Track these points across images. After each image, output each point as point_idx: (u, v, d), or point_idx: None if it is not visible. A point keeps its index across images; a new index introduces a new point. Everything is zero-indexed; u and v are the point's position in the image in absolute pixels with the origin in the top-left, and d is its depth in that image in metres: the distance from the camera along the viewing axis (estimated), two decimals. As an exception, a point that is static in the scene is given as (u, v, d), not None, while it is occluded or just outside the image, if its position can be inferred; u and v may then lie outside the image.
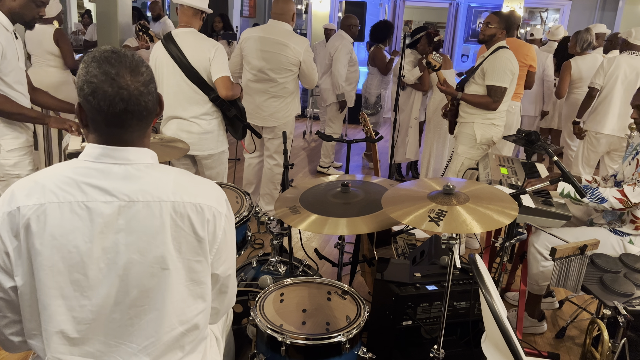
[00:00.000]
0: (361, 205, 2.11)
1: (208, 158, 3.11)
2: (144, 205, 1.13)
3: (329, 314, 1.96)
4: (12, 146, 2.48)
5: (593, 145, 4.19)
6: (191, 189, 1.20)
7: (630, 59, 4.04)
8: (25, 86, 2.52)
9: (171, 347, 1.22)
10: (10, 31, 2.38)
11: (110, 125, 1.12)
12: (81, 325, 1.14)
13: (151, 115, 1.17)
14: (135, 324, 1.17)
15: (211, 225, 1.21)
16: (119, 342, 1.17)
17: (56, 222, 1.09)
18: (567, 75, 4.71)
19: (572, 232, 2.49)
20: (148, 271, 1.14)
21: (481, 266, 1.60)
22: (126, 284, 1.14)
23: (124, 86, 1.09)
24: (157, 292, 1.16)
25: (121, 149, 1.15)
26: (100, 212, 1.11)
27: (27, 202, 1.10)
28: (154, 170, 1.18)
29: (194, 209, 1.18)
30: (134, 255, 1.13)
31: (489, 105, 3.25)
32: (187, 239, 1.17)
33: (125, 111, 1.10)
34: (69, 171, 1.13)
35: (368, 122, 3.22)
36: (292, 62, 3.53)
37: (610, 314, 2.01)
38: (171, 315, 1.19)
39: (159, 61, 2.93)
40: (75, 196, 1.11)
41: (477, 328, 2.15)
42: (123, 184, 1.13)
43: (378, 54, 5.30)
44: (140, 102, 1.12)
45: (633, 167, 2.43)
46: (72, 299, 1.12)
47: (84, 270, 1.11)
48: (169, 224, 1.15)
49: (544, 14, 10.27)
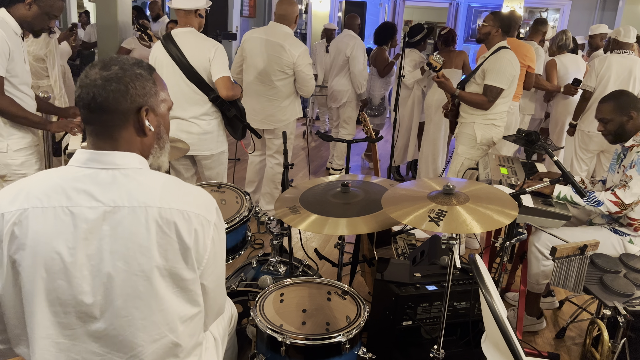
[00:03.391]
0: (361, 205, 2.11)
1: (208, 158, 3.11)
2: (130, 210, 1.11)
3: (329, 314, 1.96)
4: (19, 146, 2.50)
5: (585, 144, 4.21)
6: (179, 195, 1.17)
7: (621, 58, 4.05)
8: (30, 87, 2.56)
9: (163, 355, 1.20)
10: (18, 35, 2.43)
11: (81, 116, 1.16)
12: (67, 331, 1.13)
13: (103, 112, 1.13)
14: (121, 332, 1.14)
15: (200, 235, 1.17)
16: (105, 350, 1.15)
17: (39, 228, 1.08)
18: (554, 72, 4.74)
19: (572, 232, 2.50)
20: (133, 279, 1.11)
21: (481, 266, 1.59)
22: (111, 292, 1.11)
23: (88, 75, 1.13)
24: (143, 300, 1.13)
25: (108, 154, 1.14)
26: (85, 217, 1.09)
27: (11, 207, 1.09)
28: (141, 175, 1.16)
29: (181, 216, 1.14)
30: (119, 263, 1.10)
31: (483, 104, 3.23)
32: (173, 246, 1.13)
33: (79, 97, 1.14)
34: (56, 177, 1.13)
35: (368, 122, 3.21)
36: (286, 64, 3.50)
37: (610, 314, 2.01)
38: (159, 323, 1.16)
39: (159, 61, 2.93)
40: (60, 201, 1.09)
41: (477, 328, 2.15)
42: (109, 189, 1.11)
43: (379, 56, 5.29)
44: (90, 91, 1.12)
45: (621, 173, 2.45)
46: (57, 305, 1.11)
47: (67, 277, 1.09)
48: (154, 230, 1.11)
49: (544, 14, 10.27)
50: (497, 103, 3.25)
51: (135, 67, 1.16)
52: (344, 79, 5.13)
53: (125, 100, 1.14)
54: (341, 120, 5.33)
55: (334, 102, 5.30)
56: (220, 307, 1.38)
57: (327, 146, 6.55)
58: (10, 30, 2.36)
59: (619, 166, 2.54)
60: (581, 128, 4.22)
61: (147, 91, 1.17)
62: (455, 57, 4.73)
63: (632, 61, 4.05)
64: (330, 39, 6.41)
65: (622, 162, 2.52)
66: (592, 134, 4.11)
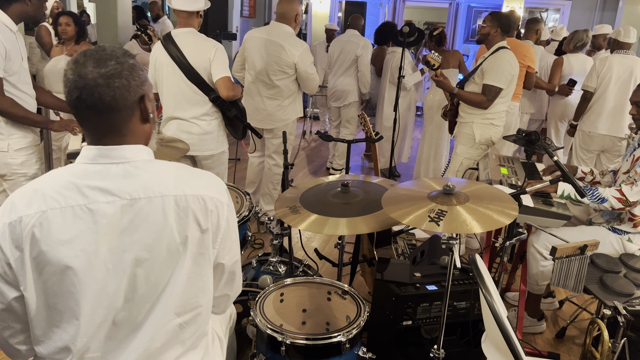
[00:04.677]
0: (361, 205, 2.11)
1: (208, 159, 3.11)
2: (146, 201, 1.13)
3: (329, 314, 1.96)
4: (19, 145, 2.50)
5: (586, 144, 4.21)
6: (192, 181, 1.20)
7: (622, 58, 4.05)
8: (30, 86, 2.55)
9: (171, 341, 1.22)
10: (14, 32, 2.41)
11: (79, 117, 1.13)
12: (91, 326, 1.14)
13: (112, 111, 1.12)
14: (141, 320, 1.17)
15: (214, 215, 1.21)
16: (123, 339, 1.17)
17: (60, 228, 1.08)
18: (558, 71, 4.71)
19: (571, 231, 2.50)
20: (156, 267, 1.15)
21: (481, 266, 1.60)
22: (134, 281, 1.14)
23: (82, 75, 1.09)
24: (165, 288, 1.17)
25: (117, 148, 1.14)
26: (103, 213, 1.10)
27: (29, 211, 1.09)
28: (152, 166, 1.18)
29: (196, 201, 1.18)
30: (141, 253, 1.13)
31: (482, 103, 3.23)
32: (191, 232, 1.17)
33: (79, 99, 1.09)
34: (68, 175, 1.13)
35: (368, 122, 3.21)
36: (286, 64, 3.49)
37: (610, 314, 2.01)
38: (170, 307, 1.19)
39: (159, 62, 2.93)
40: (77, 200, 1.10)
41: (477, 328, 2.15)
42: (123, 182, 1.13)
43: (380, 55, 5.30)
44: (94, 93, 1.08)
45: (629, 164, 2.44)
46: (84, 302, 1.11)
47: (92, 272, 1.10)
48: (172, 218, 1.15)
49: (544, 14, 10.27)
50: (496, 103, 3.25)
51: (128, 57, 1.15)
52: (350, 79, 5.12)
53: (130, 94, 1.14)
54: (343, 120, 5.33)
55: (336, 101, 5.29)
56: (239, 284, 1.42)
57: (327, 146, 6.55)
58: (5, 29, 2.34)
59: (630, 155, 2.51)
60: (582, 128, 4.22)
61: (142, 80, 1.17)
62: (450, 56, 4.73)
63: (633, 61, 4.05)
64: (330, 39, 6.41)
65: (634, 151, 2.49)
66: (593, 134, 4.11)
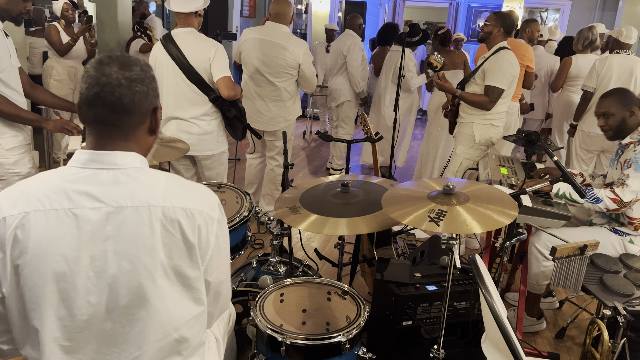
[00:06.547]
0: (361, 205, 2.11)
1: (208, 159, 3.11)
2: (133, 210, 1.10)
3: (329, 314, 1.96)
4: (11, 144, 2.48)
5: (586, 144, 4.21)
6: (182, 193, 1.17)
7: (622, 58, 4.04)
8: (19, 83, 2.51)
9: (168, 353, 1.20)
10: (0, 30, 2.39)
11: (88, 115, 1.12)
12: (73, 334, 1.12)
13: (126, 113, 1.13)
14: (127, 332, 1.14)
15: (203, 231, 1.17)
16: (112, 350, 1.15)
17: (42, 231, 1.07)
18: (565, 71, 4.69)
19: (572, 232, 2.50)
20: (138, 279, 1.11)
21: (481, 266, 1.60)
22: (116, 292, 1.11)
23: (106, 73, 1.10)
24: (149, 300, 1.13)
25: (109, 153, 1.13)
26: (88, 219, 1.08)
27: (12, 211, 1.08)
28: (143, 174, 1.16)
29: (185, 214, 1.14)
30: (124, 263, 1.10)
31: (485, 104, 3.23)
32: (177, 245, 1.14)
33: (97, 96, 1.10)
34: (57, 178, 1.12)
35: (368, 122, 3.21)
36: (291, 65, 3.49)
37: (610, 314, 2.01)
38: (164, 322, 1.16)
39: (159, 62, 2.92)
40: (62, 203, 1.08)
41: (477, 328, 2.15)
42: (111, 189, 1.11)
43: (380, 55, 5.31)
44: (115, 92, 1.10)
45: (618, 172, 2.46)
46: (62, 308, 1.10)
47: (72, 279, 1.09)
48: (159, 229, 1.12)
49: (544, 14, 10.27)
50: (497, 103, 3.25)
51: (149, 68, 1.18)
52: (342, 78, 5.16)
53: (147, 101, 1.15)
54: (339, 119, 5.35)
55: (333, 101, 5.33)
56: (224, 302, 1.39)
57: (327, 146, 6.55)
58: None
59: (617, 162, 2.54)
60: (582, 128, 4.22)
61: (158, 92, 1.20)
62: (456, 57, 4.73)
63: (632, 61, 4.05)
64: (330, 39, 6.42)
65: (619, 158, 2.53)
66: (593, 134, 4.11)
